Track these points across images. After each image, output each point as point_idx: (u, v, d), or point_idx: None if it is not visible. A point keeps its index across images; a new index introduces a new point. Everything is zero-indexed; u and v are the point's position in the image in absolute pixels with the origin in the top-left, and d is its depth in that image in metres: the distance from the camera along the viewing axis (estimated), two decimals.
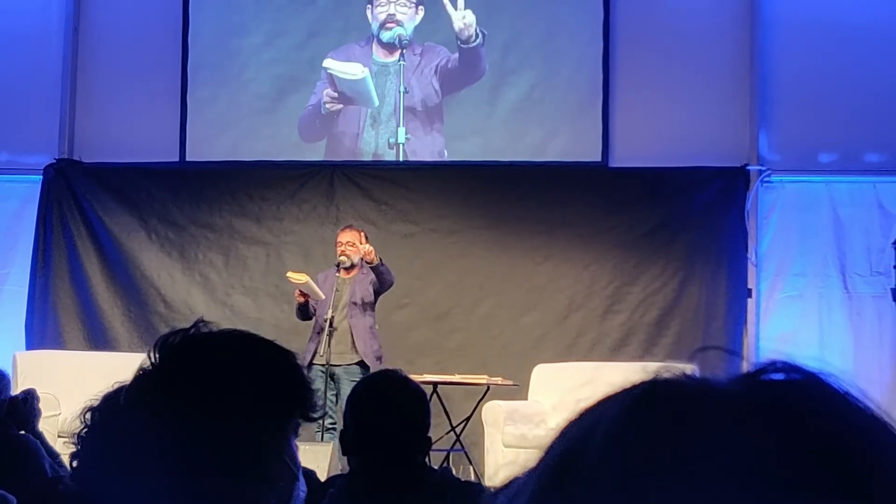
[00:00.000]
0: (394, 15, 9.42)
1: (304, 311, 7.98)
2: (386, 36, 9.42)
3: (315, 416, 1.65)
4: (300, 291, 7.89)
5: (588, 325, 8.91)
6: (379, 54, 9.44)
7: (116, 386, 2.53)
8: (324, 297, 7.81)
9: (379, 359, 7.82)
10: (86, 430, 2.47)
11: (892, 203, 8.81)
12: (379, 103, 9.38)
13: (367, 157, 9.41)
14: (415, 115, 9.37)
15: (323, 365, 7.69)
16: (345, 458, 3.02)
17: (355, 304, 7.86)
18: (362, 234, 8.11)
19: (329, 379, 7.74)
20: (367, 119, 9.39)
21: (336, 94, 9.43)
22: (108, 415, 2.46)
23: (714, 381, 0.58)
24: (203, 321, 1.66)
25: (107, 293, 9.31)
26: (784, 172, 8.94)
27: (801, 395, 0.57)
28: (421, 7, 9.45)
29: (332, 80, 9.43)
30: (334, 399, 7.63)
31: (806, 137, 8.91)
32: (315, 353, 7.77)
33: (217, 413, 1.58)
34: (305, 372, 1.71)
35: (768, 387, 0.57)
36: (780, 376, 0.58)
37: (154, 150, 9.40)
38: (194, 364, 1.62)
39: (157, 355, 1.63)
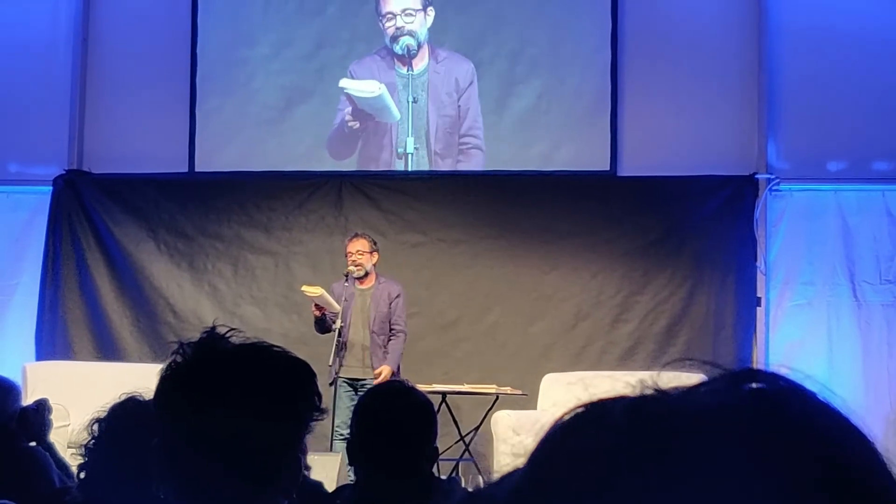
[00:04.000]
0: (402, 28, 9.43)
1: (322, 325, 7.93)
2: (397, 48, 9.43)
3: (321, 419, 1.69)
4: (315, 305, 7.86)
5: (596, 334, 8.90)
6: (399, 65, 9.45)
7: (124, 397, 2.54)
8: (339, 308, 7.78)
9: (395, 376, 7.80)
10: (93, 441, 2.49)
11: None
12: (401, 116, 9.38)
13: (396, 169, 9.40)
14: (442, 124, 9.35)
15: (344, 377, 7.69)
16: (352, 468, 3.02)
17: (375, 320, 7.83)
18: (371, 242, 8.10)
19: (352, 390, 7.72)
20: (397, 131, 9.38)
21: (355, 113, 9.44)
22: (116, 425, 2.47)
23: (694, 394, 0.58)
24: (214, 328, 1.67)
25: (116, 304, 9.33)
26: (792, 181, 8.92)
27: (784, 406, 0.57)
28: (430, 8, 9.44)
29: (350, 99, 9.44)
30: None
31: (814, 146, 8.90)
32: (341, 366, 7.75)
33: (232, 422, 1.59)
34: (318, 382, 1.73)
35: (750, 399, 0.58)
36: (760, 385, 0.58)
37: (163, 161, 9.43)
38: (209, 375, 1.63)
39: (173, 366, 1.65)
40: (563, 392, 7.82)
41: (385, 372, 7.68)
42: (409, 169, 9.38)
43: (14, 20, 9.64)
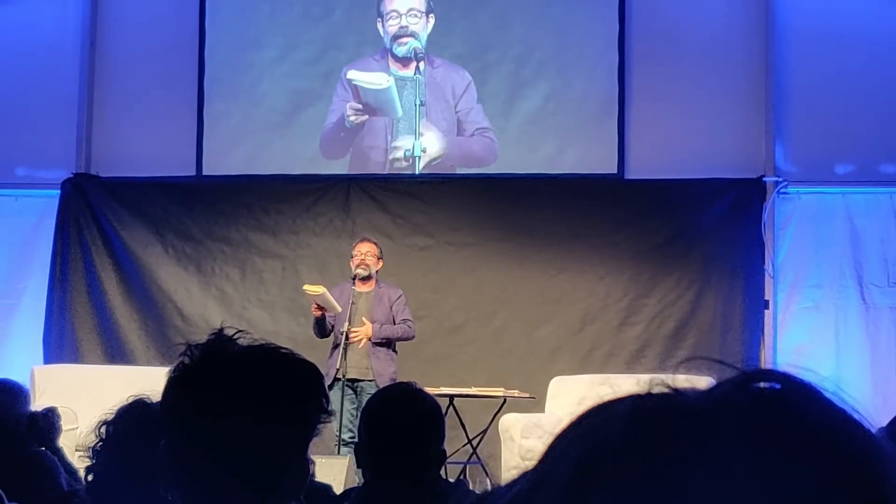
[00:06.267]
0: (406, 27, 9.43)
1: (322, 327, 7.92)
2: (400, 51, 9.43)
3: (328, 421, 1.70)
4: (317, 305, 7.86)
5: (603, 337, 8.89)
6: (395, 67, 9.46)
7: (131, 399, 2.55)
8: (340, 309, 7.79)
9: (393, 381, 7.77)
10: (100, 443, 2.49)
11: None
12: (402, 114, 9.40)
13: (390, 171, 9.42)
14: (436, 130, 9.36)
15: (344, 379, 7.67)
16: (360, 470, 3.02)
17: (374, 323, 7.82)
18: (379, 249, 8.10)
19: (352, 392, 7.72)
20: (392, 132, 9.39)
21: (360, 106, 9.43)
22: (124, 428, 2.47)
23: (704, 393, 0.58)
24: (222, 330, 1.67)
25: (124, 307, 9.34)
26: (800, 184, 8.92)
27: (795, 405, 0.57)
28: (431, 15, 9.46)
29: (355, 91, 9.44)
30: (355, 412, 7.56)
31: (822, 148, 8.89)
32: (348, 368, 7.73)
33: (240, 424, 1.59)
34: (327, 386, 1.74)
35: (760, 398, 0.58)
36: (769, 385, 0.58)
37: (170, 165, 9.44)
38: (216, 376, 1.63)
39: (180, 368, 1.65)
40: (587, 390, 7.79)
41: (367, 327, 7.68)
42: (416, 172, 9.38)
43: (22, 24, 9.67)
